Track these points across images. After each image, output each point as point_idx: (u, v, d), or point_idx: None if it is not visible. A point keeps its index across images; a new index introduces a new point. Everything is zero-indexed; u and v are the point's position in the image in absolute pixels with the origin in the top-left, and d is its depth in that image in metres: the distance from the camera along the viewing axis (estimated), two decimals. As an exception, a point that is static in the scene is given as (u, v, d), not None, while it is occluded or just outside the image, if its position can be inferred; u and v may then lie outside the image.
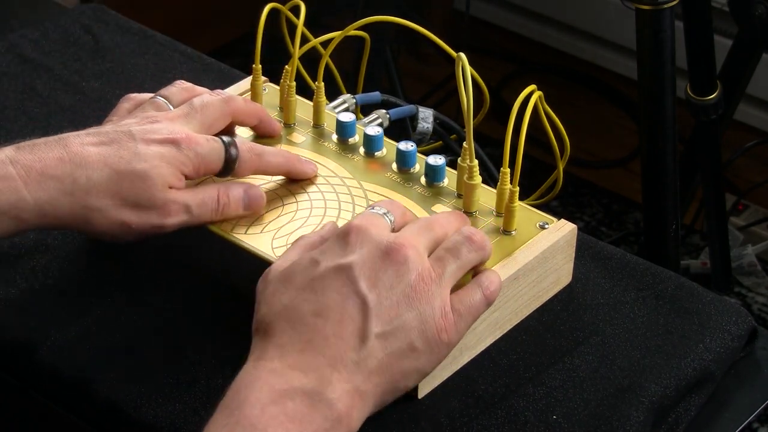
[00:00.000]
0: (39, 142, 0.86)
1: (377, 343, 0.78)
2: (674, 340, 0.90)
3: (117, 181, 0.86)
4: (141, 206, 0.87)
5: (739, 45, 1.77)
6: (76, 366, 0.87)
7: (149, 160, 0.86)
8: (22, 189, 0.84)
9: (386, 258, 0.80)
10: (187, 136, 0.88)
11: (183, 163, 0.88)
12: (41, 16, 1.25)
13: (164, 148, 0.87)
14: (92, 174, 0.85)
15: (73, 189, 0.85)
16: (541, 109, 0.91)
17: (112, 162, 0.86)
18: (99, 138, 0.87)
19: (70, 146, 0.86)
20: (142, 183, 0.86)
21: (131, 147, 0.86)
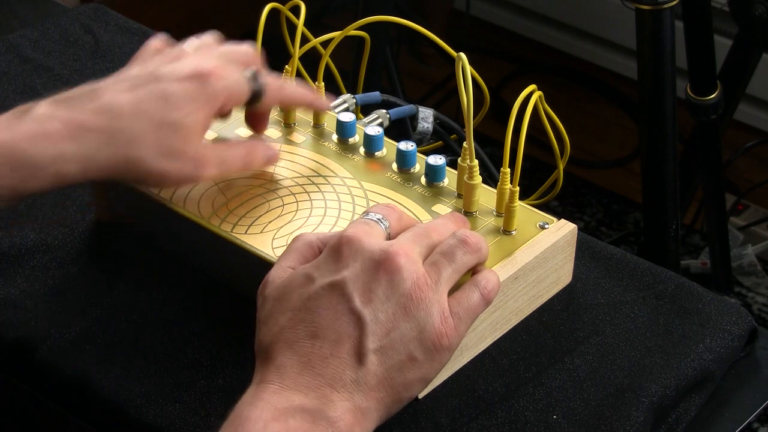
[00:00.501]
0: (74, 95, 0.86)
1: (375, 359, 0.78)
2: (674, 340, 0.90)
3: (153, 131, 0.85)
4: (177, 156, 0.87)
5: (739, 45, 1.77)
6: (76, 366, 0.87)
7: (181, 105, 0.86)
8: (63, 144, 0.84)
9: (379, 269, 0.79)
10: (214, 68, 0.88)
11: (213, 98, 0.87)
12: (41, 16, 1.25)
13: (192, 86, 0.86)
14: (130, 124, 0.85)
15: (112, 141, 0.85)
16: (541, 109, 0.91)
17: (147, 111, 0.85)
18: (130, 83, 0.87)
19: (104, 96, 0.86)
20: (178, 133, 0.86)
21: (161, 91, 0.86)
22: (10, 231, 0.97)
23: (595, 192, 2.30)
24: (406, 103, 1.02)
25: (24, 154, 0.83)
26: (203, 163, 0.88)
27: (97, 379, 0.86)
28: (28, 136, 0.83)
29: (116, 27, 1.22)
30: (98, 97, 0.85)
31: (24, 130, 0.83)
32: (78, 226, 0.98)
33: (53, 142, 0.83)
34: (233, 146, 0.92)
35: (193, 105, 0.86)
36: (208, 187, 0.94)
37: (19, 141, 0.83)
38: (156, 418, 0.83)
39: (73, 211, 0.99)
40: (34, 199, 0.99)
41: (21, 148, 0.83)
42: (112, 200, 0.96)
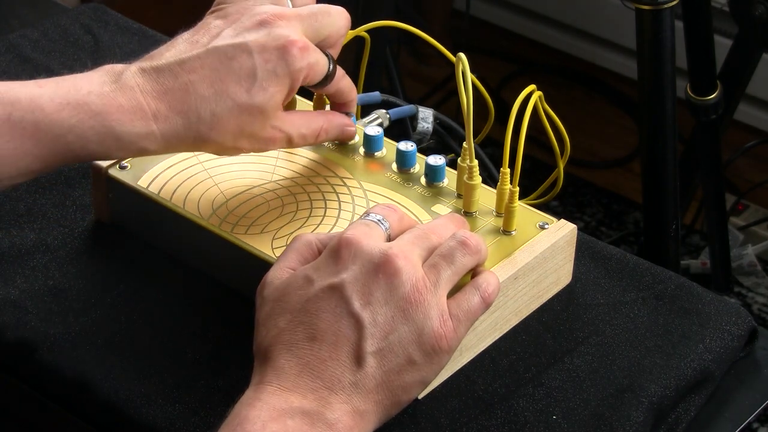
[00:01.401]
0: (162, 67, 0.86)
1: (374, 362, 0.78)
2: (674, 340, 0.90)
3: (238, 115, 0.86)
4: (254, 138, 0.88)
5: (739, 45, 1.77)
6: (76, 366, 0.87)
7: (266, 85, 0.86)
8: (152, 124, 0.85)
9: (378, 271, 0.79)
10: (304, 45, 0.88)
11: (296, 74, 0.87)
12: (41, 16, 1.25)
13: (278, 60, 0.86)
14: (216, 108, 0.86)
15: (197, 124, 0.86)
16: (541, 109, 0.91)
17: (233, 93, 0.86)
18: (219, 55, 0.86)
19: (192, 73, 0.86)
20: (259, 117, 0.87)
21: (250, 69, 0.86)
22: (9, 231, 0.97)
23: (595, 192, 2.30)
24: (406, 103, 1.02)
25: (115, 127, 0.84)
26: (274, 142, 0.89)
27: (97, 379, 0.86)
28: (122, 110, 0.84)
29: (116, 27, 1.22)
30: (186, 73, 0.86)
31: (118, 102, 0.84)
32: (78, 226, 0.98)
33: (143, 120, 0.85)
34: (307, 122, 0.92)
35: (277, 84, 0.87)
36: (209, 188, 0.94)
37: (112, 112, 0.84)
38: (156, 418, 0.83)
39: (73, 211, 0.99)
40: (34, 199, 0.99)
41: (113, 121, 0.84)
42: (112, 200, 0.96)
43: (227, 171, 0.96)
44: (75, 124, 0.83)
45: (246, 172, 0.96)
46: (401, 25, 0.96)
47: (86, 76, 0.86)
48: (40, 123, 0.83)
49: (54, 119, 0.83)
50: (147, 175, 0.95)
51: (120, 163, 0.96)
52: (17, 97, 0.83)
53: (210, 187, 0.94)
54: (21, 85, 0.84)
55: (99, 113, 0.84)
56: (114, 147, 0.85)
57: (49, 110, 0.83)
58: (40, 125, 0.83)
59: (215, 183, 0.95)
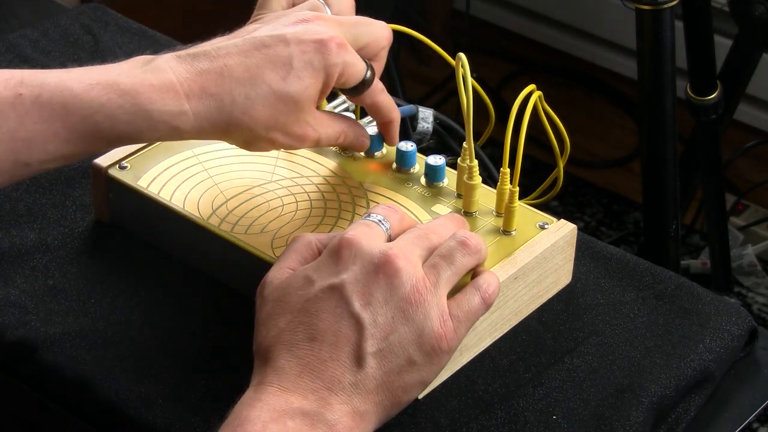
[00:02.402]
0: (198, 53, 0.85)
1: (374, 363, 0.78)
2: (674, 340, 0.90)
3: (273, 102, 0.85)
4: (285, 131, 0.87)
5: (739, 45, 1.77)
6: (76, 366, 0.87)
7: (302, 75, 0.85)
8: (185, 103, 0.83)
9: (378, 272, 0.79)
10: (341, 41, 0.87)
11: (331, 68, 0.86)
12: (41, 16, 1.25)
13: (314, 52, 0.86)
14: (250, 92, 0.85)
15: (230, 107, 0.84)
16: (541, 109, 0.91)
17: (268, 79, 0.85)
18: (256, 43, 0.86)
19: (228, 58, 0.85)
20: (292, 108, 0.86)
21: (286, 57, 0.85)
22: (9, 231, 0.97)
23: (595, 192, 2.30)
24: (406, 103, 1.02)
25: (145, 105, 0.82)
26: (304, 139, 0.88)
27: (97, 379, 0.86)
28: (152, 88, 0.83)
29: (116, 27, 1.22)
30: (222, 57, 0.85)
31: (149, 81, 0.83)
32: (78, 226, 0.98)
33: (175, 98, 0.83)
34: (334, 123, 0.91)
35: (312, 75, 0.86)
36: (209, 188, 0.94)
37: (142, 91, 0.82)
38: (156, 418, 0.83)
39: (73, 211, 0.99)
40: (34, 199, 0.99)
41: (143, 99, 0.82)
42: (112, 201, 0.96)
43: (227, 171, 0.96)
44: (104, 103, 0.82)
45: (246, 172, 0.96)
46: (400, 27, 0.96)
47: (116, 64, 0.85)
48: (68, 103, 0.81)
49: (83, 99, 0.82)
50: (147, 175, 0.95)
51: (120, 163, 0.96)
52: (45, 80, 0.82)
53: (210, 187, 0.94)
54: (49, 71, 0.83)
55: (128, 92, 0.82)
56: (145, 126, 0.83)
57: (78, 90, 0.82)
58: (68, 105, 0.81)
59: (215, 183, 0.95)
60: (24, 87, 0.81)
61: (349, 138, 0.92)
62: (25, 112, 0.81)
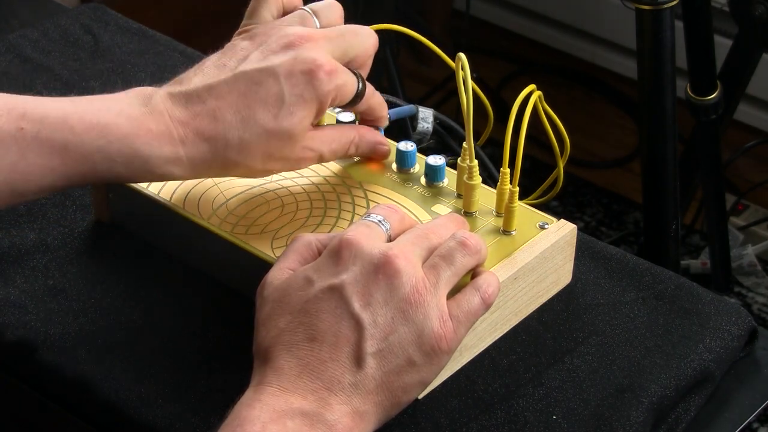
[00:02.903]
0: (190, 93, 0.86)
1: (374, 363, 0.78)
2: (674, 340, 0.90)
3: (266, 140, 0.87)
4: (285, 159, 0.89)
5: (739, 45, 1.77)
6: (76, 366, 0.87)
7: (294, 110, 0.86)
8: (180, 149, 0.86)
9: (378, 272, 0.79)
10: (331, 68, 0.87)
11: (323, 97, 0.87)
12: (41, 16, 1.25)
13: (306, 86, 0.86)
14: (243, 134, 0.86)
15: (224, 150, 0.86)
16: (541, 109, 0.91)
17: (260, 119, 0.86)
18: (244, 82, 0.87)
19: (220, 99, 0.86)
20: (287, 141, 0.87)
21: (277, 94, 0.86)
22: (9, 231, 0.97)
23: (595, 192, 2.30)
24: (406, 103, 1.02)
25: (143, 151, 0.85)
26: (303, 162, 0.90)
27: (97, 379, 0.86)
28: (150, 134, 0.85)
29: (116, 27, 1.22)
30: (214, 98, 0.86)
31: (146, 125, 0.85)
32: (78, 226, 0.98)
33: (171, 146, 0.85)
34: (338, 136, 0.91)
35: (304, 108, 0.87)
36: (208, 188, 0.94)
37: (141, 136, 0.85)
38: (156, 418, 0.83)
39: (73, 211, 0.99)
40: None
41: (141, 144, 0.85)
42: (112, 201, 0.96)
43: (227, 171, 0.96)
44: (103, 146, 0.84)
45: (246, 172, 0.96)
46: (399, 28, 0.96)
47: (116, 98, 0.87)
48: (68, 143, 0.84)
49: (83, 140, 0.84)
50: (147, 175, 0.95)
51: (120, 163, 0.96)
52: (46, 114, 0.84)
53: (210, 187, 0.94)
54: (52, 101, 0.85)
55: (127, 135, 0.85)
56: (140, 170, 0.86)
57: (79, 130, 0.84)
58: (68, 145, 0.84)
59: (215, 183, 0.95)
60: (25, 121, 0.83)
61: (363, 147, 0.93)
62: (26, 146, 0.83)
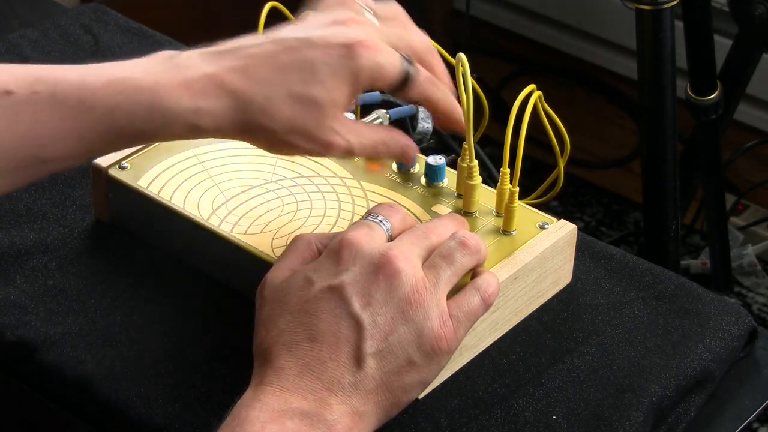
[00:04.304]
0: (222, 50, 0.84)
1: (374, 363, 0.78)
2: (674, 340, 0.90)
3: (291, 104, 0.82)
4: (309, 133, 0.84)
5: (739, 45, 1.77)
6: (76, 366, 0.87)
7: (325, 79, 0.82)
8: (200, 100, 0.82)
9: (378, 273, 0.79)
10: (371, 44, 0.84)
11: (358, 73, 0.83)
12: (41, 16, 1.25)
13: (340, 59, 0.83)
14: (270, 93, 0.82)
15: (248, 106, 0.82)
16: (541, 109, 0.91)
17: (287, 80, 0.83)
18: (281, 46, 0.84)
19: (250, 57, 0.83)
20: (314, 111, 0.83)
21: (310, 60, 0.83)
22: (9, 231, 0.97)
23: (595, 192, 2.30)
24: (406, 103, 1.02)
25: (162, 102, 0.81)
26: (332, 145, 0.85)
27: (97, 379, 0.86)
28: (170, 85, 0.81)
29: (116, 27, 1.22)
30: (244, 57, 0.83)
31: (166, 78, 0.81)
32: (78, 226, 0.98)
33: (191, 95, 0.81)
34: (369, 132, 0.87)
35: (336, 80, 0.83)
36: (209, 188, 0.94)
37: (159, 89, 0.81)
38: (156, 418, 0.83)
39: (73, 211, 0.99)
40: (34, 199, 0.99)
41: (160, 96, 0.81)
42: (112, 201, 0.96)
43: (227, 171, 0.96)
44: (120, 101, 0.80)
45: (246, 172, 0.96)
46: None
47: (136, 60, 0.84)
48: (84, 100, 0.80)
49: (99, 96, 0.80)
50: (147, 175, 0.95)
51: (120, 163, 0.96)
52: (63, 76, 0.81)
53: (210, 187, 0.94)
54: (67, 67, 0.82)
55: (144, 88, 0.81)
56: (161, 124, 0.81)
57: (95, 86, 0.81)
58: (84, 103, 0.80)
59: (215, 183, 0.95)
60: (40, 84, 0.80)
61: (392, 149, 0.88)
62: (41, 109, 0.80)
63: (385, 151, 0.88)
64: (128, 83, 0.81)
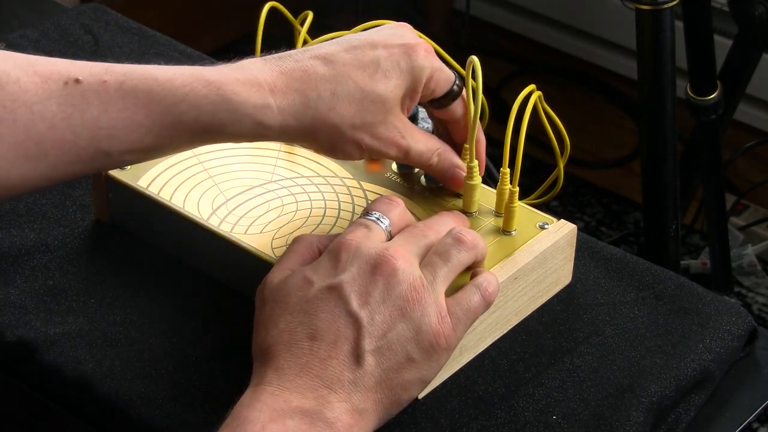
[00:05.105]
0: (284, 55, 0.85)
1: (373, 360, 0.78)
2: (674, 340, 0.90)
3: (358, 99, 0.84)
4: (374, 129, 0.86)
5: (739, 45, 1.77)
6: (76, 366, 0.87)
7: (390, 76, 0.85)
8: (269, 96, 0.82)
9: (376, 272, 0.80)
10: (429, 48, 0.87)
11: (419, 72, 0.86)
12: (41, 16, 1.25)
13: (403, 56, 0.86)
14: (336, 88, 0.84)
15: (316, 102, 0.84)
16: (541, 109, 0.91)
17: (354, 76, 0.84)
18: (345, 45, 0.86)
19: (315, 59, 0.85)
20: (381, 106, 0.85)
21: (373, 57, 0.85)
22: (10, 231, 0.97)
23: (595, 192, 2.30)
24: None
25: (229, 96, 0.82)
26: (392, 144, 0.87)
27: (97, 379, 0.86)
28: (237, 82, 0.82)
29: (116, 27, 1.22)
30: (308, 59, 0.85)
31: (234, 76, 0.83)
32: (78, 226, 0.98)
33: (259, 91, 0.82)
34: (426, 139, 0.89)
35: (399, 76, 0.85)
36: (209, 188, 0.94)
37: (227, 83, 0.82)
38: (156, 418, 0.83)
39: (73, 211, 0.99)
40: (34, 199, 0.99)
41: (228, 90, 0.82)
42: (112, 201, 0.96)
43: (227, 171, 0.96)
44: (188, 93, 0.81)
45: (246, 172, 0.96)
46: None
47: None
48: (152, 92, 0.81)
49: (167, 87, 0.81)
50: (147, 175, 0.95)
51: (120, 163, 0.96)
52: (130, 68, 0.82)
53: (210, 187, 0.94)
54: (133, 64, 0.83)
55: (213, 82, 0.82)
56: (228, 119, 0.82)
57: (163, 79, 0.81)
58: (152, 94, 0.81)
59: (215, 183, 0.95)
60: (109, 74, 0.81)
61: (443, 163, 0.90)
62: (108, 99, 0.80)
63: (437, 164, 0.90)
64: (196, 77, 0.82)
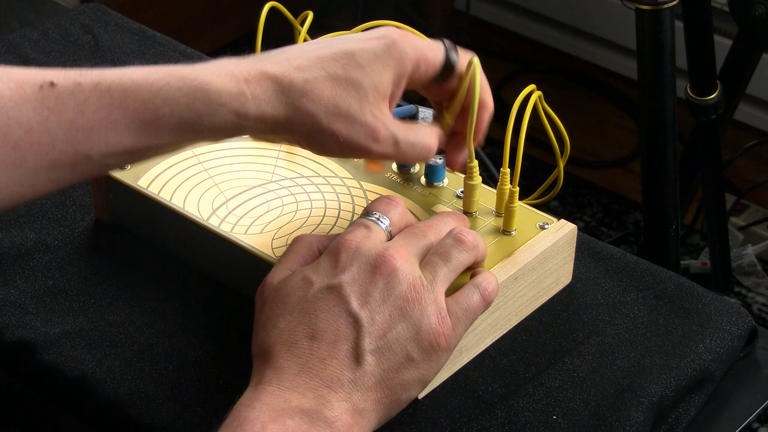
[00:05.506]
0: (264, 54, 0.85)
1: (373, 360, 0.78)
2: (674, 340, 0.90)
3: (329, 87, 0.83)
4: (350, 120, 0.84)
5: (739, 45, 1.77)
6: (76, 366, 0.87)
7: (364, 64, 0.84)
8: (243, 84, 0.82)
9: (376, 272, 0.80)
10: (406, 34, 0.86)
11: (401, 59, 0.85)
12: (41, 16, 1.25)
13: (380, 47, 0.84)
14: (308, 76, 0.83)
15: (289, 89, 0.83)
16: (541, 109, 0.91)
17: (326, 65, 0.84)
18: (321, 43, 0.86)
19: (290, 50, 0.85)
20: (354, 92, 0.83)
21: (347, 49, 0.84)
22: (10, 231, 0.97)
23: (595, 192, 2.30)
24: (406, 103, 1.02)
25: (204, 86, 0.81)
26: (377, 134, 0.85)
27: (97, 379, 0.86)
28: (211, 73, 0.82)
29: (116, 27, 1.22)
30: (284, 52, 0.85)
31: (210, 68, 0.82)
32: (78, 226, 0.98)
33: (233, 81, 0.82)
34: (419, 130, 0.88)
35: (377, 64, 0.84)
36: (209, 188, 0.94)
37: (201, 75, 0.82)
38: (156, 418, 0.83)
39: (73, 211, 0.99)
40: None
41: (203, 81, 0.81)
42: (112, 201, 0.96)
43: (227, 171, 0.96)
44: (162, 87, 0.81)
45: (246, 172, 0.96)
46: (401, 26, 0.96)
47: None
48: (127, 89, 0.80)
49: (141, 84, 0.81)
50: (147, 175, 0.95)
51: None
52: (105, 70, 0.82)
53: (210, 187, 0.94)
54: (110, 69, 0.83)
55: (187, 75, 0.81)
56: (204, 110, 0.81)
57: (137, 76, 0.81)
58: (127, 92, 0.80)
59: (215, 183, 0.95)
60: (83, 76, 0.81)
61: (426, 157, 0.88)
62: (84, 99, 0.80)
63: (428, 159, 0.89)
64: (169, 73, 0.81)
